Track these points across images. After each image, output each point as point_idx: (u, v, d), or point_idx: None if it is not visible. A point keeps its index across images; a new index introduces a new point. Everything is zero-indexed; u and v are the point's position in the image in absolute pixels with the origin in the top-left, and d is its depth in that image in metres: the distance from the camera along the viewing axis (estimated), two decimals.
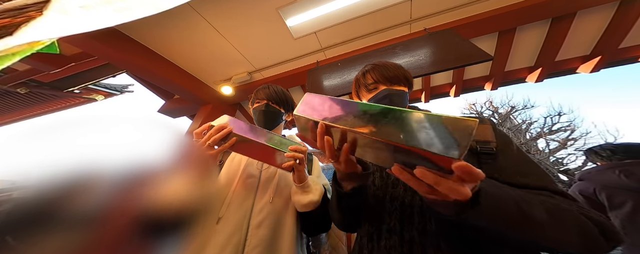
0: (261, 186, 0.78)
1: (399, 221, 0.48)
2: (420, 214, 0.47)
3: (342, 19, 1.86)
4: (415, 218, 0.47)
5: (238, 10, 1.76)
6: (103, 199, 0.17)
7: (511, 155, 0.50)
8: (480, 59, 1.37)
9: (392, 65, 0.69)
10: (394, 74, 0.66)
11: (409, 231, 0.46)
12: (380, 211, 0.53)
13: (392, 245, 0.46)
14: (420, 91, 2.83)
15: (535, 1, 1.63)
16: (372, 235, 0.50)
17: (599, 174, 0.98)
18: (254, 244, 0.66)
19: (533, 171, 0.46)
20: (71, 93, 2.99)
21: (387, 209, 0.52)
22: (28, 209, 0.15)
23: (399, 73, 0.67)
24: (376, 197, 0.56)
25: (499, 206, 0.33)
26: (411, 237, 0.45)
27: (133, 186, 0.19)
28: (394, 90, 0.65)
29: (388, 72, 0.67)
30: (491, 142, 0.51)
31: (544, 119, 9.95)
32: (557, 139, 9.42)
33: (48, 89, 2.79)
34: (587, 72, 2.20)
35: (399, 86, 0.66)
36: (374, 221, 0.52)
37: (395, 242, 0.46)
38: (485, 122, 0.56)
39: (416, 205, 0.48)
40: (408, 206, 0.49)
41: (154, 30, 1.92)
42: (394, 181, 0.56)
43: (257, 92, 0.93)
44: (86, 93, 3.27)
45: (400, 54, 1.70)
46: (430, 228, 0.44)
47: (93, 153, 0.18)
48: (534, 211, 0.34)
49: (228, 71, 2.45)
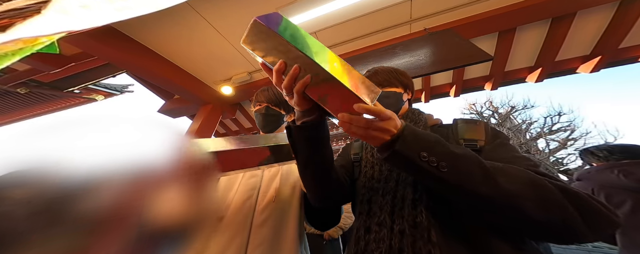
0: (264, 185, 0.79)
1: (390, 215, 0.50)
2: (411, 207, 0.48)
3: (342, 19, 1.86)
4: (405, 211, 0.48)
5: (238, 10, 1.76)
6: (102, 201, 0.17)
7: (494, 148, 0.52)
8: (480, 59, 1.37)
9: (384, 70, 0.74)
10: (384, 78, 0.71)
11: (399, 224, 0.47)
12: (372, 206, 0.55)
13: (381, 238, 0.47)
14: (420, 91, 2.83)
15: (535, 1, 1.63)
16: (367, 228, 0.52)
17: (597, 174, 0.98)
18: (256, 243, 0.66)
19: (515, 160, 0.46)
20: (71, 93, 2.99)
21: (379, 203, 0.53)
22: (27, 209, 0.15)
23: (390, 76, 0.71)
24: (372, 190, 0.57)
25: (418, 134, 0.41)
26: (401, 229, 0.46)
27: (132, 188, 0.19)
28: (383, 92, 0.68)
29: (378, 77, 0.71)
30: (479, 140, 0.53)
31: (544, 119, 9.96)
32: (557, 139, 9.43)
33: (48, 89, 2.79)
34: (587, 72, 2.20)
35: (390, 88, 0.70)
36: (368, 215, 0.54)
37: (384, 234, 0.47)
38: (478, 123, 0.58)
39: (408, 199, 0.50)
40: (399, 200, 0.51)
41: (154, 30, 1.92)
42: (386, 177, 0.57)
43: (257, 95, 0.93)
44: (86, 93, 3.27)
45: (400, 54, 1.70)
46: (420, 220, 0.46)
47: (93, 153, 0.18)
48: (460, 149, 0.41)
49: (228, 71, 2.45)
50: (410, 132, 0.42)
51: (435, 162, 0.38)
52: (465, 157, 0.40)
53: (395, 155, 0.41)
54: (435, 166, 0.38)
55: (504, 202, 0.37)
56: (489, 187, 0.37)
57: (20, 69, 2.46)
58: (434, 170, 0.38)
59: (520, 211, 0.36)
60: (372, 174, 0.61)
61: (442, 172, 0.38)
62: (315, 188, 0.59)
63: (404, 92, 0.72)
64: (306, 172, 0.56)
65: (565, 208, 0.36)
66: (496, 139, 0.54)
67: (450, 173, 0.38)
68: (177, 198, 0.21)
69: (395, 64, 1.64)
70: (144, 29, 1.89)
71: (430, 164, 0.39)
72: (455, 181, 0.38)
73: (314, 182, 0.58)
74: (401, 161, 0.41)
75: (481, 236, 0.42)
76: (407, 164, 0.41)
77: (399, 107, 0.70)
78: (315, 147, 0.52)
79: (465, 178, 0.38)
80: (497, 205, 0.38)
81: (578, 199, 0.37)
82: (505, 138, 0.54)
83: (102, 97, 3.51)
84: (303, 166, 0.56)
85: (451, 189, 0.40)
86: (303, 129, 0.50)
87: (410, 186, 0.51)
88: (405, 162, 0.41)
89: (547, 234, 0.37)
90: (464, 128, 0.57)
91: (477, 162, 0.39)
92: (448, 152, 0.40)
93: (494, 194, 0.37)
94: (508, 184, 0.37)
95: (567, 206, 0.36)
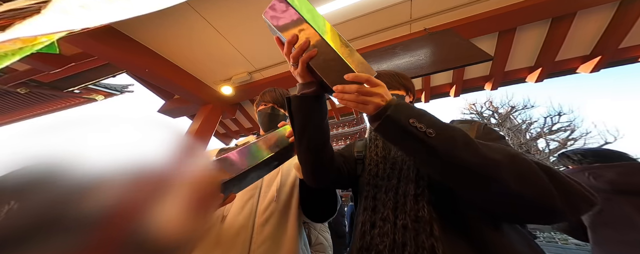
0: (265, 184, 0.79)
1: (393, 210, 0.52)
2: (413, 202, 0.50)
3: (342, 19, 1.86)
4: (407, 206, 0.50)
5: (238, 10, 1.76)
6: (102, 201, 0.17)
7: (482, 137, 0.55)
8: (480, 59, 1.37)
9: (385, 74, 0.77)
10: (386, 81, 0.73)
11: (402, 219, 0.49)
12: (376, 202, 0.57)
13: (385, 232, 0.49)
14: (420, 91, 2.83)
15: (535, 1, 1.63)
16: (372, 223, 0.54)
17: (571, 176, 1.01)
18: (260, 241, 0.67)
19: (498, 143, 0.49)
20: (71, 93, 2.99)
21: (382, 200, 0.55)
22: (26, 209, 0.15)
23: (392, 80, 0.74)
24: (377, 187, 0.59)
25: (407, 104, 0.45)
26: (404, 224, 0.48)
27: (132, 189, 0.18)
28: None
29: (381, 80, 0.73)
30: None
31: (544, 119, 9.96)
32: (557, 139, 9.43)
33: (48, 89, 2.79)
34: (587, 72, 2.20)
35: (393, 90, 0.73)
36: (371, 211, 0.56)
37: (388, 229, 0.49)
38: (473, 124, 0.61)
39: (410, 194, 0.52)
40: (401, 195, 0.53)
41: (154, 30, 1.92)
42: (389, 174, 0.60)
43: (263, 94, 0.95)
44: (86, 93, 3.26)
45: (400, 54, 1.70)
46: (422, 215, 0.47)
47: (92, 154, 0.18)
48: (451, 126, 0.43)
49: (228, 71, 2.45)
50: (400, 102, 0.46)
51: (424, 129, 0.41)
52: (451, 127, 0.42)
53: (386, 121, 0.44)
54: (423, 132, 0.41)
55: (482, 171, 0.38)
56: (470, 154, 0.39)
57: (20, 69, 2.46)
58: (422, 135, 0.41)
59: (497, 180, 0.37)
60: (376, 172, 0.63)
61: (429, 138, 0.40)
62: (310, 160, 0.60)
63: (406, 94, 0.75)
64: (301, 143, 0.57)
65: (542, 182, 0.37)
66: (488, 135, 0.57)
67: (437, 139, 0.40)
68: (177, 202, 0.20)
69: (395, 64, 1.64)
70: (144, 29, 1.89)
71: (419, 130, 0.41)
72: (441, 146, 0.40)
73: (308, 154, 0.59)
74: (392, 127, 0.44)
75: (481, 230, 0.43)
76: (397, 129, 0.43)
77: None
78: (311, 117, 0.55)
79: (450, 144, 0.40)
80: (476, 173, 0.39)
81: (556, 175, 0.38)
82: (498, 135, 0.57)
83: (102, 97, 3.50)
84: (299, 136, 0.57)
85: (435, 154, 0.41)
86: (302, 99, 0.54)
87: (413, 182, 0.53)
88: (395, 128, 0.43)
89: (524, 210, 0.38)
90: None
91: (462, 133, 0.42)
92: (435, 120, 0.43)
93: (475, 161, 0.38)
94: (489, 153, 0.39)
95: (545, 181, 0.37)
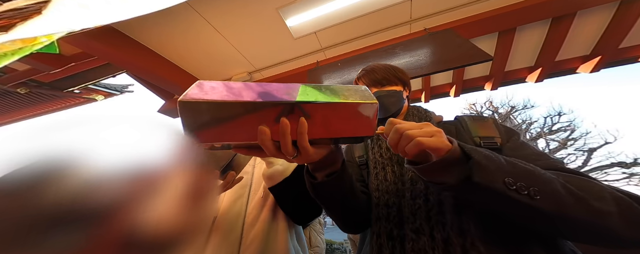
0: (255, 182, 0.79)
1: (427, 221, 0.44)
2: (453, 213, 0.42)
3: (342, 19, 1.86)
4: (446, 216, 0.42)
5: (238, 10, 1.76)
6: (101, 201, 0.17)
7: (516, 146, 0.50)
8: (480, 59, 1.37)
9: (380, 67, 0.70)
10: (383, 75, 0.68)
11: (440, 231, 0.42)
12: (398, 210, 0.48)
13: (422, 247, 0.42)
14: (420, 91, 2.83)
15: (535, 1, 1.62)
16: (392, 235, 0.46)
17: None
18: (250, 240, 0.66)
19: (541, 157, 0.46)
20: (71, 93, 2.98)
21: (408, 207, 0.47)
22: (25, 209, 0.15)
23: (388, 74, 0.68)
24: (389, 193, 0.52)
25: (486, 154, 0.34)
26: (445, 238, 0.41)
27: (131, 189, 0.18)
28: (383, 91, 0.66)
29: (376, 75, 0.68)
30: (495, 137, 0.51)
31: (544, 119, 9.94)
32: (557, 139, 9.42)
33: (48, 89, 2.79)
34: (587, 72, 2.20)
35: (390, 86, 0.67)
36: (392, 220, 0.48)
37: (425, 244, 0.42)
38: (486, 120, 0.56)
39: (447, 203, 0.43)
40: (435, 203, 0.44)
41: (153, 30, 1.91)
42: (412, 177, 0.50)
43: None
44: (86, 93, 3.26)
45: (400, 54, 1.69)
46: (466, 227, 0.40)
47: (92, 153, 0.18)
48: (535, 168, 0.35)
49: (228, 71, 2.45)
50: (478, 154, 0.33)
51: (525, 190, 0.31)
52: (545, 175, 0.33)
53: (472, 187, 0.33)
54: (526, 195, 0.31)
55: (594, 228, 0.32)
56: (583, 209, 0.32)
57: (20, 69, 2.46)
58: (526, 199, 0.31)
59: (609, 230, 0.31)
60: (384, 176, 0.55)
61: (535, 200, 0.31)
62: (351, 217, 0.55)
63: (403, 89, 0.69)
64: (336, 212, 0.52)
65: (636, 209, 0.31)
66: (511, 136, 0.52)
67: (544, 200, 0.31)
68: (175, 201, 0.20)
69: (395, 64, 1.64)
70: (144, 29, 1.89)
71: (520, 192, 0.31)
72: (549, 207, 0.31)
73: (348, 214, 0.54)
74: (480, 192, 0.33)
75: (523, 243, 0.39)
76: (488, 195, 0.33)
77: (401, 106, 0.68)
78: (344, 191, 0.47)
79: (558, 202, 0.32)
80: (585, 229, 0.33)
81: None
82: (517, 134, 0.53)
83: (102, 97, 3.50)
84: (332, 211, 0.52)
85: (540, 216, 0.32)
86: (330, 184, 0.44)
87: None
88: (486, 194, 0.33)
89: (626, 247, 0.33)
90: (475, 125, 0.55)
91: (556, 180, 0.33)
92: (530, 170, 0.33)
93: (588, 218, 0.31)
94: (600, 205, 0.32)
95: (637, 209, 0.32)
